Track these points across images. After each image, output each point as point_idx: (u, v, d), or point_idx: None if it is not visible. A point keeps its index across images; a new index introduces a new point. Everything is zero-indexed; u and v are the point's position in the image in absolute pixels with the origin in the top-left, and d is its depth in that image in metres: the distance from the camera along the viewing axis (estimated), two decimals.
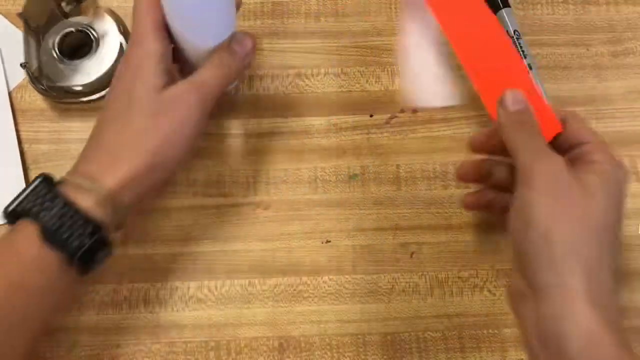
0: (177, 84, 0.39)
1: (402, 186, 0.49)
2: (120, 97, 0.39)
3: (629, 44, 0.53)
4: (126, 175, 0.36)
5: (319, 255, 0.47)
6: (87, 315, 0.46)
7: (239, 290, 0.47)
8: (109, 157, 0.37)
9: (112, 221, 0.37)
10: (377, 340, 0.46)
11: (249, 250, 0.47)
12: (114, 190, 0.36)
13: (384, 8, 0.54)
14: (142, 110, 0.38)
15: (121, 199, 0.37)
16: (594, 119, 0.51)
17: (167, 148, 0.38)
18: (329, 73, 0.52)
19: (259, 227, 0.48)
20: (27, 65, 0.49)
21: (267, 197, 0.49)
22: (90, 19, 0.50)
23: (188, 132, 0.39)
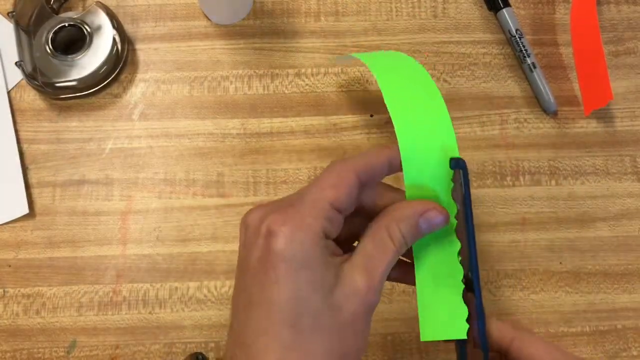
0: (349, 274, 0.29)
1: (403, 186, 0.49)
2: (277, 303, 0.28)
3: (630, 44, 0.53)
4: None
5: None
6: (86, 315, 0.46)
7: None
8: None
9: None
10: (378, 341, 0.46)
11: None
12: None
13: (384, 8, 0.54)
14: (317, 329, 0.28)
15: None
16: (594, 118, 0.51)
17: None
18: (329, 73, 0.52)
19: None
20: (22, 63, 0.49)
21: (267, 197, 0.49)
22: (81, 14, 0.50)
23: (365, 338, 0.30)
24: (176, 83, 0.51)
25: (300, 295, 0.27)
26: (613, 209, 0.49)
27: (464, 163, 0.31)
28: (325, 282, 0.28)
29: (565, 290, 0.47)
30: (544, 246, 0.48)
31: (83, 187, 0.49)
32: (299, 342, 0.27)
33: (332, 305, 0.28)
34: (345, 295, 0.28)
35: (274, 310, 0.28)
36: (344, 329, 0.28)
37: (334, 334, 0.28)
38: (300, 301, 0.27)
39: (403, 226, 0.30)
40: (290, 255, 0.28)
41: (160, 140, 0.50)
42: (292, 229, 0.28)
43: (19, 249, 0.47)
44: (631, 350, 0.46)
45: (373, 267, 0.29)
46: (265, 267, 0.28)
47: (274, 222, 0.28)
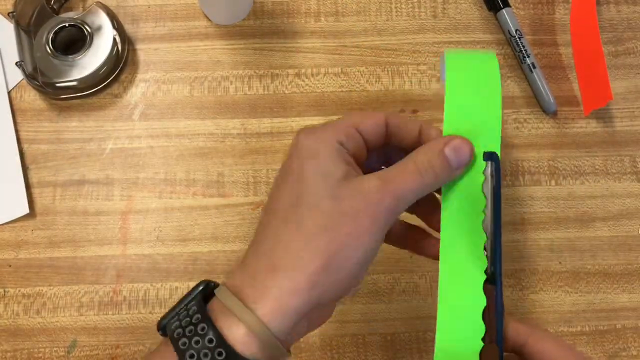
0: (361, 176, 0.30)
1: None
2: (286, 189, 0.31)
3: (630, 44, 0.53)
4: (283, 296, 0.28)
5: None
6: (86, 315, 0.46)
7: None
8: (267, 270, 0.29)
9: (262, 357, 0.28)
10: (378, 341, 0.46)
11: None
12: (267, 317, 0.28)
13: (384, 8, 0.54)
14: (314, 205, 0.29)
15: (273, 324, 0.28)
16: (593, 118, 0.51)
17: (342, 259, 0.29)
18: (329, 73, 0.52)
19: None
20: (22, 64, 0.49)
21: (267, 197, 0.49)
22: (81, 14, 0.50)
23: (368, 241, 0.29)
24: (176, 83, 0.51)
25: (305, 180, 0.30)
26: (612, 209, 0.49)
27: (497, 156, 0.31)
28: (330, 174, 0.30)
29: (565, 290, 0.47)
30: (543, 246, 0.48)
31: (83, 187, 0.49)
32: (297, 218, 0.29)
33: (335, 194, 0.29)
34: (350, 192, 0.29)
35: (282, 194, 0.31)
36: (342, 216, 0.29)
37: (331, 218, 0.29)
38: (304, 185, 0.30)
39: (429, 155, 0.31)
40: (303, 147, 0.31)
41: (161, 140, 0.50)
42: (312, 131, 0.32)
43: (20, 249, 0.47)
44: (630, 350, 0.46)
45: (389, 178, 0.30)
46: (287, 160, 0.32)
47: (303, 128, 0.32)
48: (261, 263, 0.29)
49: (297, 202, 0.30)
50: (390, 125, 0.33)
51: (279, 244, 0.29)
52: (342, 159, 0.30)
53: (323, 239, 0.29)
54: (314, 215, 0.29)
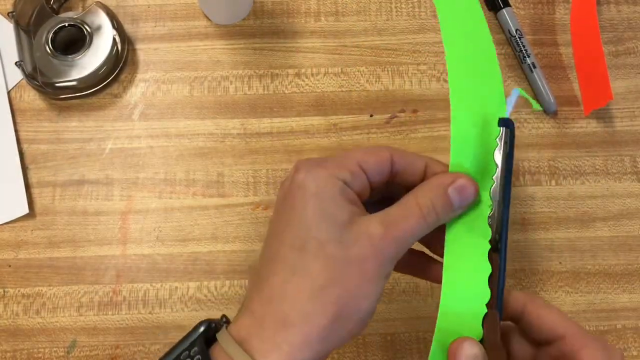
0: (364, 218, 0.30)
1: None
2: (289, 231, 0.29)
3: (630, 44, 0.53)
4: (293, 351, 0.28)
5: None
6: (86, 315, 0.46)
7: (238, 290, 0.46)
8: (276, 323, 0.28)
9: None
10: (377, 341, 0.46)
11: (249, 250, 0.47)
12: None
13: (384, 8, 0.54)
14: (320, 251, 0.28)
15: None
16: (594, 118, 0.51)
17: (352, 310, 0.28)
18: (329, 73, 0.52)
19: (259, 227, 0.48)
20: (22, 63, 0.49)
21: (267, 197, 0.49)
22: (81, 14, 0.50)
23: (375, 288, 0.29)
24: (176, 83, 0.51)
25: (308, 222, 0.29)
26: (613, 209, 0.49)
27: (512, 123, 0.31)
28: (334, 216, 0.29)
29: (565, 290, 0.47)
30: (543, 246, 0.48)
31: (83, 187, 0.49)
32: (303, 266, 0.28)
33: (341, 240, 0.28)
34: (356, 236, 0.29)
35: (284, 237, 0.29)
36: (349, 265, 0.28)
37: (338, 265, 0.28)
38: (307, 227, 0.29)
39: (432, 194, 0.30)
40: (305, 185, 0.30)
41: (161, 140, 0.50)
42: (314, 167, 0.30)
43: (19, 249, 0.47)
44: (631, 350, 0.46)
45: (393, 222, 0.29)
46: (285, 198, 0.30)
47: (304, 162, 0.31)
48: (269, 314, 0.28)
49: (302, 249, 0.29)
50: (396, 163, 0.32)
51: (287, 295, 0.28)
52: (346, 199, 0.30)
53: (332, 292, 0.28)
54: (321, 263, 0.28)
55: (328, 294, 0.28)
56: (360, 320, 0.29)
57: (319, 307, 0.28)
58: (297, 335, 0.28)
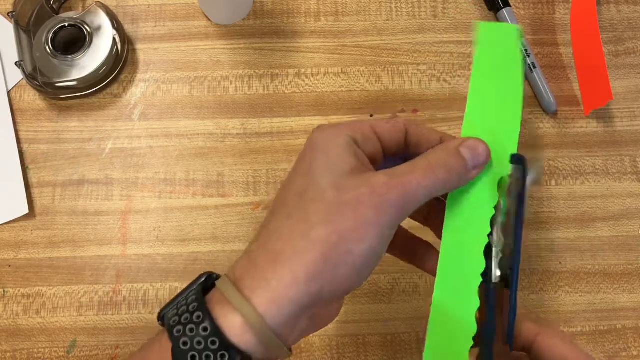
0: (370, 172, 0.30)
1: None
2: (294, 182, 0.30)
3: (630, 44, 0.53)
4: (280, 287, 0.27)
5: None
6: (86, 315, 0.46)
7: None
8: (267, 260, 0.28)
9: (258, 349, 0.28)
10: (377, 341, 0.46)
11: None
12: (263, 307, 0.27)
13: (384, 8, 0.54)
14: (318, 196, 0.29)
15: (269, 315, 0.27)
16: (594, 118, 0.51)
17: (343, 253, 0.28)
18: (329, 73, 0.52)
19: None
20: (22, 63, 0.49)
21: (267, 197, 0.49)
22: (81, 14, 0.50)
23: (371, 235, 0.28)
24: (176, 83, 0.51)
25: (312, 173, 0.29)
26: (613, 209, 0.49)
27: (525, 160, 0.31)
28: (339, 167, 0.29)
29: (565, 290, 0.47)
30: (543, 246, 0.48)
31: (83, 187, 0.49)
32: (300, 208, 0.29)
33: (340, 186, 0.29)
34: (356, 184, 0.29)
35: (290, 187, 0.30)
36: (344, 207, 0.28)
37: (333, 208, 0.28)
38: (311, 177, 0.29)
39: (443, 153, 0.30)
40: (315, 142, 0.31)
41: (161, 140, 0.50)
42: (328, 127, 0.31)
43: (19, 249, 0.47)
44: (631, 350, 0.46)
45: (398, 173, 0.29)
46: (300, 155, 0.31)
47: (321, 125, 0.32)
48: (262, 252, 0.29)
49: (302, 194, 0.29)
50: (410, 133, 0.32)
51: (281, 234, 0.29)
52: (352, 153, 0.30)
53: (323, 230, 0.28)
54: (317, 206, 0.28)
55: (318, 232, 0.28)
56: (353, 265, 0.28)
57: (308, 244, 0.28)
58: (285, 271, 0.28)
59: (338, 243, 0.28)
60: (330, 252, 0.28)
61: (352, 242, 0.28)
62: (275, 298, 0.27)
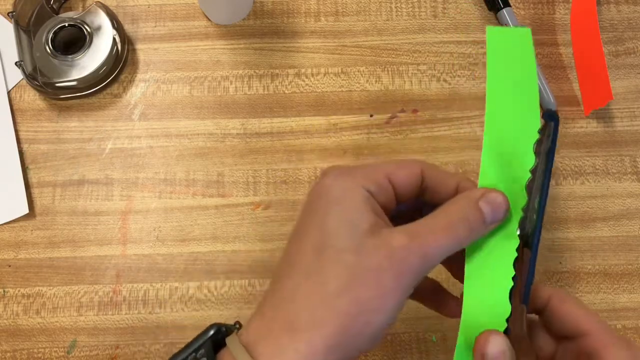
0: (387, 230, 0.28)
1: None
2: (308, 236, 0.29)
3: (630, 44, 0.53)
4: (297, 359, 0.27)
5: None
6: (86, 315, 0.46)
7: (238, 290, 0.46)
8: (284, 328, 0.27)
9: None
10: None
11: (249, 250, 0.47)
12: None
13: (384, 8, 0.54)
14: (336, 258, 0.27)
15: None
16: (594, 118, 0.51)
17: (363, 324, 0.27)
18: (329, 73, 0.52)
19: (259, 227, 0.48)
20: (22, 63, 0.49)
21: (267, 197, 0.49)
22: (81, 14, 0.50)
23: (392, 304, 0.27)
24: (176, 83, 0.51)
25: (328, 228, 0.28)
26: (613, 209, 0.49)
27: (557, 116, 0.30)
28: (356, 225, 0.28)
29: (565, 290, 0.47)
30: (544, 246, 0.48)
31: (83, 187, 0.49)
32: (318, 270, 0.27)
33: (360, 248, 0.27)
34: (376, 246, 0.27)
35: (303, 241, 0.29)
36: (365, 274, 0.27)
37: (354, 274, 0.27)
38: (327, 233, 0.28)
39: (463, 208, 0.29)
40: (329, 191, 0.29)
41: (161, 140, 0.50)
42: (342, 174, 0.30)
43: (19, 249, 0.47)
44: None
45: (418, 233, 0.28)
46: (309, 202, 0.30)
47: (332, 168, 0.30)
48: (278, 318, 0.28)
49: (319, 254, 0.28)
50: (427, 178, 0.31)
51: (298, 299, 0.27)
52: (369, 208, 0.28)
53: (343, 301, 0.27)
54: (336, 270, 0.27)
55: (339, 302, 0.27)
56: (371, 335, 0.27)
57: (329, 315, 0.27)
58: (302, 342, 0.27)
59: (358, 314, 0.27)
60: (350, 324, 0.27)
61: (372, 313, 0.27)
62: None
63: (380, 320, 0.27)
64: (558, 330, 0.30)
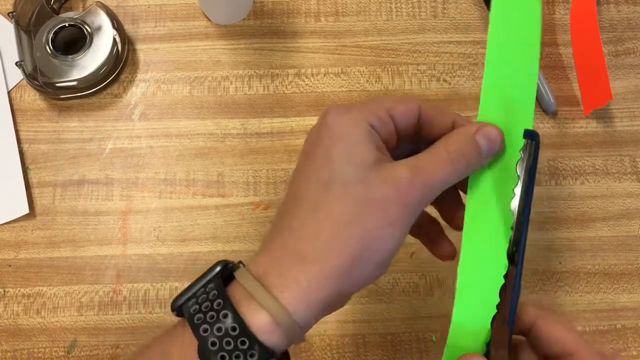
0: (391, 163, 0.30)
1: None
2: (313, 171, 0.29)
3: (630, 44, 0.53)
4: (311, 287, 0.28)
5: None
6: (86, 315, 0.46)
7: None
8: (295, 259, 0.28)
9: (283, 344, 0.28)
10: (377, 341, 0.46)
11: (249, 250, 0.47)
12: (292, 307, 0.27)
13: (384, 8, 0.54)
14: (343, 191, 0.28)
15: (298, 315, 0.28)
16: (594, 118, 0.51)
17: (372, 251, 0.28)
18: (329, 73, 0.52)
19: (259, 227, 0.48)
20: (22, 63, 0.49)
21: (267, 197, 0.49)
22: (81, 14, 0.50)
23: (398, 232, 0.29)
24: (176, 83, 0.51)
25: (333, 163, 0.29)
26: (613, 209, 0.49)
27: (537, 135, 0.31)
28: (360, 158, 0.29)
29: (565, 290, 0.47)
30: (544, 246, 0.48)
31: (83, 187, 0.49)
32: (326, 204, 0.28)
33: (366, 181, 0.28)
34: (381, 178, 0.28)
35: (309, 176, 0.29)
36: (373, 206, 0.28)
37: (361, 206, 0.28)
38: (333, 168, 0.29)
39: (461, 141, 0.30)
40: (332, 127, 0.30)
41: (161, 140, 0.50)
42: (343, 110, 0.30)
43: (19, 249, 0.47)
44: (631, 350, 0.46)
45: (421, 168, 0.29)
46: (313, 140, 0.30)
47: (334, 106, 0.31)
48: (288, 250, 0.28)
49: (325, 187, 0.29)
50: (424, 114, 0.32)
51: (308, 232, 0.28)
52: (373, 142, 0.29)
53: (354, 231, 0.28)
54: (344, 202, 0.28)
55: (349, 233, 0.28)
56: (378, 264, 0.29)
57: (339, 246, 0.28)
58: (315, 272, 0.28)
59: (368, 243, 0.28)
60: (361, 252, 0.28)
61: (381, 240, 0.28)
62: (305, 298, 0.27)
63: (388, 248, 0.28)
64: (545, 351, 0.31)
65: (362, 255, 0.28)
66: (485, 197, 0.31)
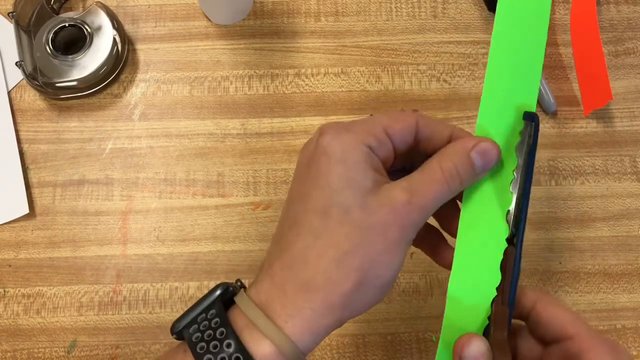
0: (388, 185, 0.29)
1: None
2: (312, 195, 0.29)
3: (630, 44, 0.53)
4: (315, 317, 0.28)
5: None
6: (86, 315, 0.46)
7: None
8: (299, 288, 0.28)
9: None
10: (377, 341, 0.46)
11: (248, 250, 0.47)
12: (297, 337, 0.28)
13: (384, 8, 0.54)
14: (343, 217, 0.28)
15: (302, 344, 0.28)
16: (593, 118, 0.51)
17: (374, 277, 0.28)
18: (329, 73, 0.52)
19: (259, 227, 0.48)
20: (22, 63, 0.49)
21: (267, 197, 0.49)
22: (81, 14, 0.50)
23: (398, 256, 0.29)
24: (176, 83, 0.51)
25: (332, 188, 0.29)
26: (613, 209, 0.49)
27: (537, 117, 0.30)
28: (359, 183, 0.29)
29: (565, 290, 0.47)
30: (543, 246, 0.48)
31: (83, 187, 0.49)
32: (327, 231, 0.28)
33: (365, 206, 0.28)
34: (380, 203, 0.28)
35: (308, 202, 0.29)
36: (373, 231, 0.28)
37: (361, 232, 0.28)
38: (332, 193, 0.29)
39: (455, 158, 0.30)
40: (330, 150, 0.29)
41: (161, 140, 0.50)
42: (340, 131, 0.30)
43: (19, 249, 0.47)
44: (630, 350, 0.46)
45: (416, 188, 0.29)
46: (309, 162, 0.30)
47: (330, 126, 0.30)
48: (291, 279, 0.28)
49: (325, 214, 0.28)
50: (421, 129, 0.31)
51: (310, 260, 0.28)
52: (371, 165, 0.29)
53: (355, 257, 0.28)
54: (344, 228, 0.28)
55: (352, 260, 0.28)
56: (381, 287, 0.29)
57: (343, 273, 0.28)
58: (319, 301, 0.28)
59: (369, 269, 0.28)
60: (363, 279, 0.28)
61: (382, 265, 0.28)
62: (309, 327, 0.28)
63: (390, 272, 0.29)
64: (544, 334, 0.31)
65: (364, 281, 0.28)
66: (484, 179, 0.31)
